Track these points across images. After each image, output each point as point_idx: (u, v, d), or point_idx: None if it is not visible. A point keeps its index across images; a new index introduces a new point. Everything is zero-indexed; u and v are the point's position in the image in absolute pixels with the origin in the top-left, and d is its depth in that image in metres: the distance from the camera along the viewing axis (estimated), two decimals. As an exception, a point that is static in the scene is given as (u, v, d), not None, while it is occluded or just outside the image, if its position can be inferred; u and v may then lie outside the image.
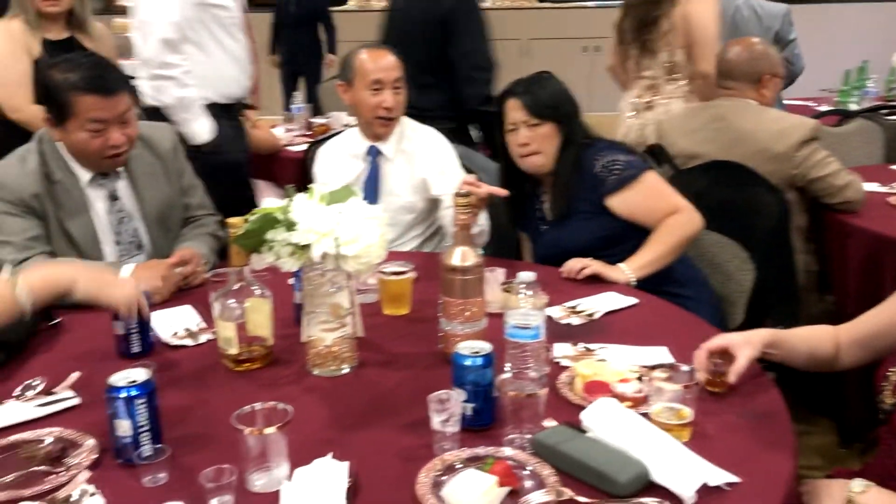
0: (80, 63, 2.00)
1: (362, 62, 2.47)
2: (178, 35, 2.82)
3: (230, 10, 2.95)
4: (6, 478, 1.25)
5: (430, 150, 2.53)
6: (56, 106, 1.97)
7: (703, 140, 2.77)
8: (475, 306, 1.59)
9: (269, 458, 1.23)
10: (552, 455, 1.25)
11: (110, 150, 2.02)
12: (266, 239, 1.56)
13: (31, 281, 1.62)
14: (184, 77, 2.85)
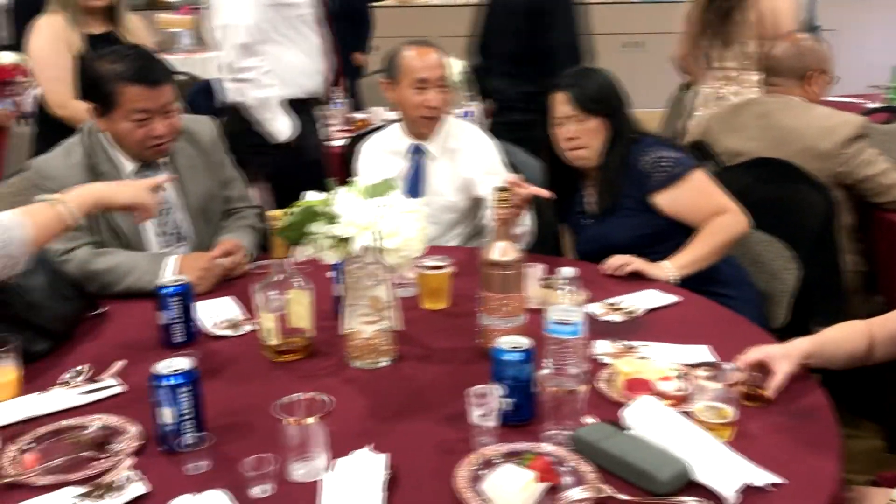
0: (126, 54, 2.05)
1: (407, 60, 2.45)
2: (254, 38, 2.86)
3: (299, 8, 2.96)
4: (53, 462, 1.27)
5: (476, 150, 2.51)
6: (101, 96, 2.01)
7: (748, 137, 2.73)
8: (515, 301, 1.58)
9: (309, 448, 1.23)
10: (592, 452, 1.24)
11: (153, 140, 2.05)
12: (308, 231, 1.57)
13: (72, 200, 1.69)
14: (262, 78, 2.89)
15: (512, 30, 3.33)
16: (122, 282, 1.96)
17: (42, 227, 1.62)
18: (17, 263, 1.57)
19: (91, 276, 1.94)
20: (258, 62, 2.88)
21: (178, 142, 2.17)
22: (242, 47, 2.86)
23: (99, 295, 1.91)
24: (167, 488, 1.20)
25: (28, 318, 1.64)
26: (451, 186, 2.51)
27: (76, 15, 2.96)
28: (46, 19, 3.00)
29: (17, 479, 1.23)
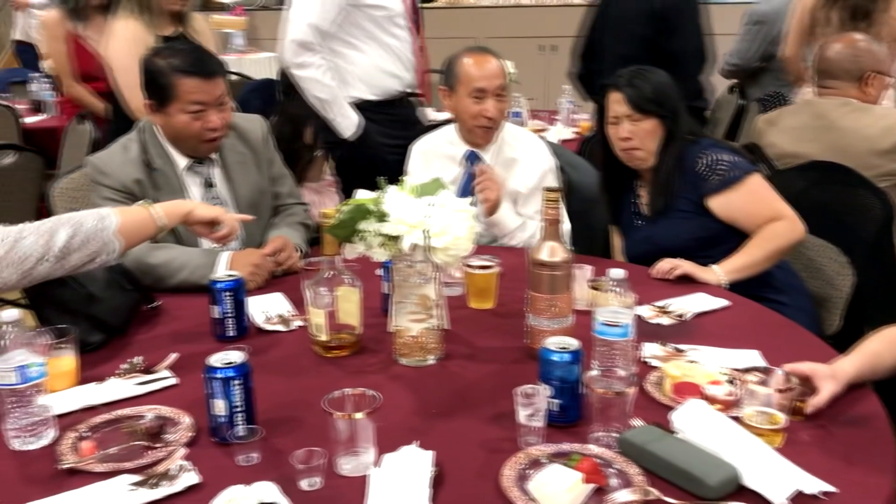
0: (181, 49, 2.14)
1: (466, 68, 2.43)
2: (314, 37, 2.88)
3: (388, 10, 2.97)
4: (109, 450, 1.31)
5: (531, 163, 2.48)
6: (159, 90, 2.08)
7: (805, 139, 2.68)
8: (562, 302, 1.58)
9: (357, 443, 1.25)
10: (640, 454, 1.24)
11: (208, 132, 2.11)
12: (358, 229, 1.59)
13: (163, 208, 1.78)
14: (320, 76, 2.91)
15: (632, 35, 3.32)
16: (176, 276, 2.00)
17: (132, 221, 1.69)
18: (109, 251, 1.63)
19: (146, 270, 1.98)
20: (319, 59, 2.90)
21: (228, 139, 2.22)
22: (299, 43, 2.88)
23: (153, 288, 1.95)
24: (218, 479, 1.22)
25: (86, 309, 1.69)
26: (504, 194, 2.49)
27: (152, 18, 3.03)
28: (123, 24, 3.05)
29: (75, 465, 1.26)
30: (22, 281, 1.55)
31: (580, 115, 4.25)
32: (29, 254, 1.53)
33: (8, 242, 1.51)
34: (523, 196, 2.48)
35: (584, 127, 4.00)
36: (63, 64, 3.80)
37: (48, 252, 1.54)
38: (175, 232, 2.11)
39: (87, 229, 1.60)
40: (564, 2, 7.32)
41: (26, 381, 1.34)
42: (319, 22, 2.88)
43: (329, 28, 2.90)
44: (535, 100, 4.72)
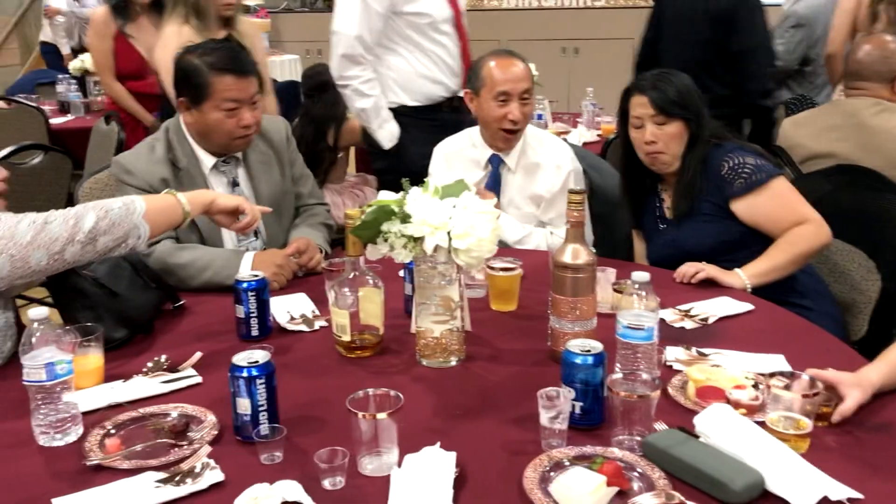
0: (215, 48, 2.16)
1: (490, 71, 2.42)
2: (360, 49, 2.92)
3: (430, 16, 2.97)
4: (135, 447, 1.32)
5: (554, 168, 2.47)
6: (194, 87, 2.11)
7: (834, 139, 2.66)
8: (585, 305, 1.58)
9: (379, 443, 1.25)
10: (663, 458, 1.23)
11: (241, 130, 2.14)
12: (381, 230, 1.59)
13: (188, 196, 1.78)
14: (362, 87, 2.95)
15: (693, 38, 3.32)
16: (200, 276, 2.02)
17: (158, 207, 1.70)
18: (137, 235, 1.63)
19: (171, 270, 2.00)
20: (359, 72, 2.94)
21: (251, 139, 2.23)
22: (345, 57, 2.93)
23: (177, 288, 1.97)
24: (242, 477, 1.23)
25: (112, 307, 1.71)
26: (527, 199, 2.49)
27: (203, 23, 3.05)
28: (174, 30, 3.06)
29: (101, 461, 1.28)
30: (52, 265, 1.55)
31: (603, 117, 4.24)
32: (57, 236, 1.53)
33: (37, 226, 1.52)
34: (546, 200, 2.47)
35: (606, 129, 3.99)
36: (105, 62, 3.82)
37: (76, 235, 1.55)
38: (199, 231, 2.13)
39: (114, 213, 1.60)
40: (587, 4, 7.30)
41: (54, 378, 1.36)
42: (364, 33, 2.91)
43: (374, 37, 2.94)
44: (557, 102, 4.71)
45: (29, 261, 1.51)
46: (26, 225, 1.52)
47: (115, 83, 3.81)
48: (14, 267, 1.50)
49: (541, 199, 2.47)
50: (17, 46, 8.95)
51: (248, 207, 1.86)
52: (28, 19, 8.58)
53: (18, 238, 1.50)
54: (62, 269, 1.58)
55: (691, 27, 3.33)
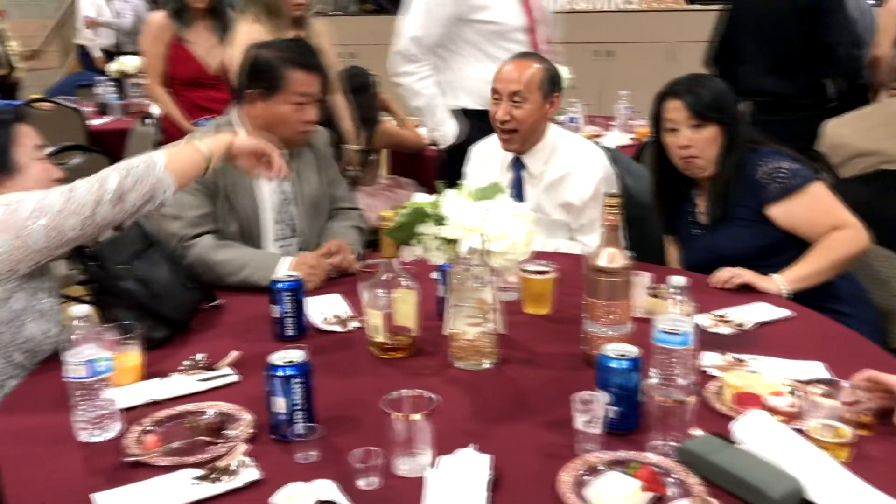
0: (288, 45, 2.27)
1: (496, 70, 2.46)
2: (415, 49, 2.99)
3: (501, 24, 2.99)
4: (172, 444, 1.33)
5: (584, 175, 2.45)
6: (268, 80, 2.17)
7: (882, 138, 2.62)
8: (621, 309, 1.57)
9: (414, 444, 1.25)
10: (700, 464, 1.22)
11: (305, 125, 2.21)
12: (416, 232, 1.60)
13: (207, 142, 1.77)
14: (415, 85, 3.02)
15: (781, 33, 3.33)
16: (238, 274, 2.05)
17: (179, 156, 1.71)
18: (162, 188, 1.65)
19: (210, 265, 2.04)
20: (414, 69, 3.00)
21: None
22: (398, 55, 3.00)
23: (214, 286, 1.99)
24: (278, 475, 1.24)
25: (152, 307, 1.74)
26: (554, 206, 2.47)
27: (276, 22, 3.05)
28: (247, 28, 3.07)
29: (139, 458, 1.30)
30: (86, 230, 1.59)
31: (637, 120, 4.21)
32: (85, 201, 1.57)
33: (65, 194, 1.58)
34: (576, 208, 2.46)
35: (641, 133, 3.97)
36: (154, 66, 3.73)
37: (103, 196, 1.58)
38: (241, 220, 2.18)
39: (136, 170, 1.63)
40: (620, 7, 7.26)
41: (94, 374, 1.38)
42: (422, 35, 2.98)
43: (434, 40, 2.99)
44: (590, 105, 4.69)
45: (63, 228, 1.56)
46: (56, 195, 1.58)
47: (159, 88, 3.75)
48: (49, 237, 1.56)
49: (571, 206, 2.46)
50: (57, 49, 9.13)
51: (269, 148, 1.85)
52: (67, 22, 8.74)
53: (49, 209, 1.56)
54: (97, 232, 1.63)
55: (776, 22, 3.34)
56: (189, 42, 3.67)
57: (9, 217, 1.55)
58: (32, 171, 1.75)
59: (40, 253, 1.58)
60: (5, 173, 1.72)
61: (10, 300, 1.60)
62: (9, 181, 1.71)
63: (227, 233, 2.15)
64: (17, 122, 1.78)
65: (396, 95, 3.81)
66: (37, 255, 1.58)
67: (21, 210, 1.56)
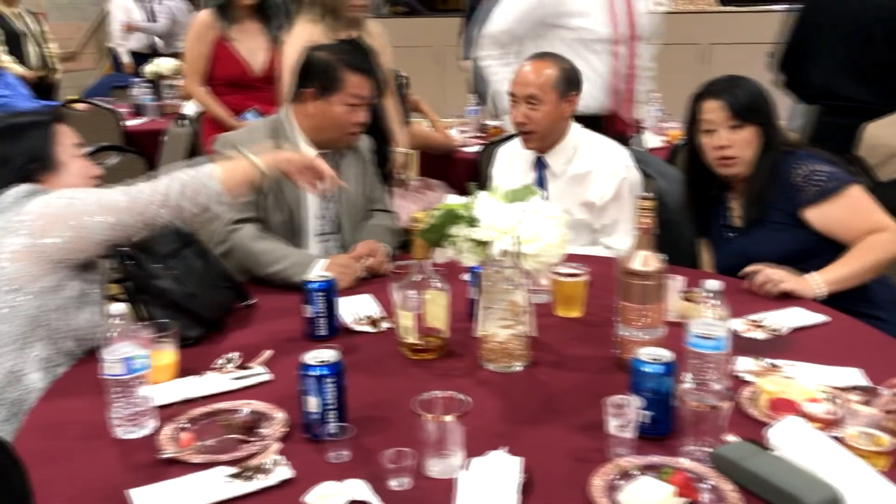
0: (346, 48, 2.35)
1: (515, 73, 2.48)
2: (504, 38, 3.04)
3: (591, 31, 2.99)
4: (206, 442, 1.35)
5: (606, 174, 2.45)
6: (326, 80, 2.24)
7: None
8: (654, 313, 1.56)
9: (445, 446, 1.25)
10: (734, 471, 1.20)
11: (355, 126, 2.27)
12: (448, 234, 1.60)
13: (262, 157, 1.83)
14: (497, 68, 3.07)
15: (860, 36, 3.30)
16: (273, 266, 2.09)
17: (233, 168, 1.77)
18: (216, 199, 1.72)
19: (249, 253, 2.09)
20: (502, 53, 3.05)
21: None
22: (490, 39, 3.06)
23: (249, 276, 2.05)
24: (310, 474, 1.24)
25: (187, 305, 1.76)
26: (576, 205, 2.46)
27: (334, 23, 3.05)
28: (302, 28, 3.06)
29: (174, 455, 1.31)
30: (143, 229, 1.69)
31: (668, 123, 4.18)
32: (146, 203, 1.67)
33: (130, 194, 1.67)
34: (598, 208, 2.45)
35: (673, 135, 3.94)
36: (196, 65, 3.61)
37: (163, 200, 1.67)
38: (285, 210, 2.23)
39: (195, 180, 1.71)
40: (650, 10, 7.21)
41: (131, 372, 1.40)
42: (512, 27, 3.03)
43: (523, 33, 3.03)
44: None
45: (123, 226, 1.66)
46: (119, 194, 1.67)
47: (199, 87, 3.64)
48: (109, 232, 1.65)
49: (592, 205, 2.46)
50: (93, 51, 9.28)
51: (323, 165, 1.91)
52: (103, 25, 8.88)
53: (111, 206, 1.65)
54: (151, 233, 1.72)
55: (854, 28, 3.30)
56: (233, 41, 3.58)
57: (71, 210, 1.64)
58: (73, 168, 1.82)
59: (99, 246, 1.67)
60: (47, 170, 1.78)
61: (65, 288, 1.67)
62: (51, 177, 1.79)
63: (272, 223, 2.19)
64: (56, 121, 1.85)
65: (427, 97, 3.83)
66: (95, 247, 1.67)
67: (84, 204, 1.65)
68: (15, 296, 1.63)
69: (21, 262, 1.62)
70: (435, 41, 7.96)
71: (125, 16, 7.65)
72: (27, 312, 1.63)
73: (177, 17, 7.73)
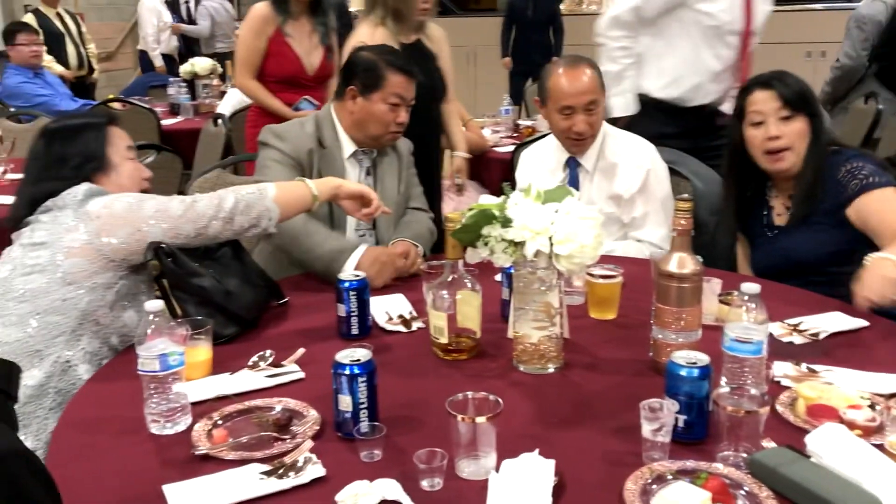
0: (390, 49, 2.43)
1: (556, 84, 2.40)
2: (630, 17, 3.00)
3: (719, 20, 2.97)
4: (240, 439, 1.36)
5: (633, 167, 2.45)
6: (367, 78, 2.30)
7: None
8: (690, 316, 1.54)
9: (477, 447, 1.25)
10: (772, 477, 1.18)
11: (395, 125, 2.33)
12: (482, 234, 1.59)
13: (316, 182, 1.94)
14: (615, 52, 3.03)
15: None
16: (315, 251, 2.13)
17: (288, 191, 1.88)
18: (268, 217, 1.82)
19: (298, 233, 2.13)
20: (620, 34, 3.01)
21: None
22: (615, 19, 3.03)
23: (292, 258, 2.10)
24: (342, 473, 1.25)
25: (224, 304, 1.78)
26: (607, 199, 2.46)
27: (400, 26, 3.03)
28: (368, 30, 3.02)
29: (208, 451, 1.32)
30: (196, 238, 1.78)
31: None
32: (203, 213, 1.76)
33: (187, 203, 1.77)
34: (625, 200, 2.44)
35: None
36: (249, 59, 3.50)
37: (218, 213, 1.77)
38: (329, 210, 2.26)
39: (249, 197, 1.81)
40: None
41: (166, 368, 1.42)
42: (643, 6, 2.97)
43: (651, 15, 2.99)
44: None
45: (179, 232, 1.75)
46: (177, 202, 1.76)
47: (251, 81, 3.51)
48: (166, 237, 1.73)
49: (620, 198, 2.44)
50: (131, 51, 9.42)
51: (372, 195, 1.99)
52: (140, 25, 9.00)
53: (170, 213, 1.74)
54: (204, 243, 1.81)
55: None
56: (290, 35, 3.47)
57: (133, 213, 1.72)
58: (124, 170, 1.89)
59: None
60: (101, 171, 1.85)
61: (117, 286, 1.73)
62: (104, 177, 1.85)
63: (317, 213, 2.21)
64: (109, 124, 1.92)
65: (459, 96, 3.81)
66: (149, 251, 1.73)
67: (144, 209, 1.73)
68: (70, 289, 1.69)
69: (76, 258, 1.69)
70: (467, 41, 7.96)
71: (157, 19, 7.77)
72: (79, 306, 1.69)
73: (215, 18, 7.83)
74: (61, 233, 1.71)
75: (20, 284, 1.69)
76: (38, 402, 1.66)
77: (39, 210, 1.77)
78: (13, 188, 1.93)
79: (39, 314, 1.68)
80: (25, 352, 1.66)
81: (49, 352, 1.68)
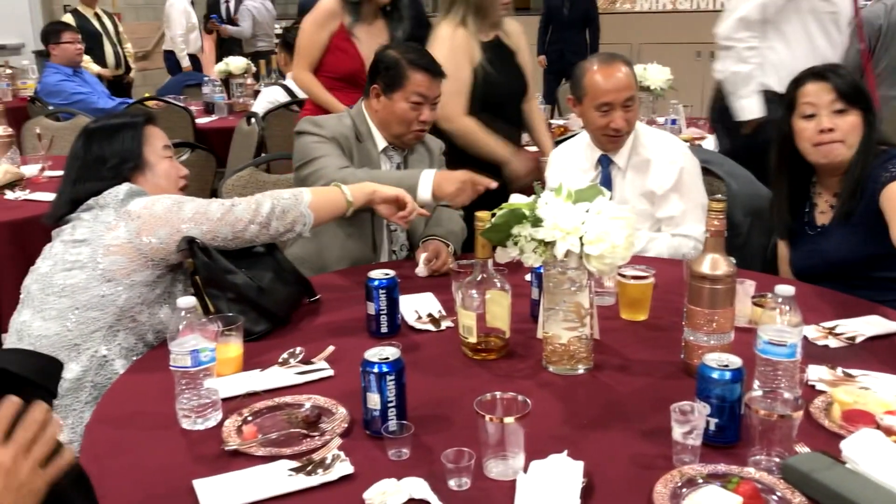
0: (415, 48, 2.44)
1: (592, 81, 2.39)
2: (758, 16, 3.03)
3: (836, 6, 3.00)
4: (270, 435, 1.37)
5: (666, 163, 2.42)
6: (391, 77, 2.32)
7: None
8: (723, 318, 1.51)
9: (506, 448, 1.24)
10: (805, 483, 1.16)
11: (419, 124, 2.35)
12: (512, 233, 1.58)
13: (350, 188, 1.99)
14: (745, 53, 3.06)
15: None
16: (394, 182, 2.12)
17: (323, 197, 1.93)
18: (304, 222, 1.88)
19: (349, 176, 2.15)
20: (749, 37, 3.04)
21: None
22: (741, 20, 3.05)
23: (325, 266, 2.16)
24: (370, 470, 1.25)
25: (257, 301, 1.79)
26: (639, 196, 2.45)
27: (480, 25, 2.95)
28: (448, 31, 2.95)
29: (238, 447, 1.33)
30: (233, 241, 1.82)
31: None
32: (240, 217, 1.81)
33: (225, 207, 1.81)
34: (659, 197, 2.42)
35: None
36: (308, 51, 3.42)
37: (256, 217, 1.82)
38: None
39: (285, 202, 1.86)
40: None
41: (198, 364, 1.43)
42: (769, 3, 3.00)
43: (774, 11, 3.02)
44: (691, 107, 4.57)
45: (217, 234, 1.79)
46: (217, 206, 1.81)
47: (307, 74, 3.43)
48: (204, 239, 1.77)
49: (653, 195, 2.42)
50: (167, 50, 9.53)
51: (407, 197, 2.02)
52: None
53: (209, 216, 1.78)
54: (240, 246, 1.84)
55: None
56: (357, 38, 3.39)
57: (172, 214, 1.76)
58: (161, 169, 1.93)
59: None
60: (138, 170, 1.89)
61: (154, 284, 1.78)
62: (141, 177, 1.89)
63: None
64: (147, 123, 1.96)
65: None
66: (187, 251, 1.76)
67: (183, 211, 1.78)
68: (109, 286, 1.73)
69: (116, 256, 1.73)
70: (501, 40, 7.96)
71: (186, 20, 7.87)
72: (117, 303, 1.73)
73: (256, 18, 7.91)
74: (102, 231, 1.75)
75: (60, 280, 1.73)
76: (76, 396, 1.70)
77: (81, 208, 1.81)
78: (52, 185, 1.97)
79: (78, 309, 1.72)
80: (64, 346, 1.71)
81: (86, 346, 1.72)
